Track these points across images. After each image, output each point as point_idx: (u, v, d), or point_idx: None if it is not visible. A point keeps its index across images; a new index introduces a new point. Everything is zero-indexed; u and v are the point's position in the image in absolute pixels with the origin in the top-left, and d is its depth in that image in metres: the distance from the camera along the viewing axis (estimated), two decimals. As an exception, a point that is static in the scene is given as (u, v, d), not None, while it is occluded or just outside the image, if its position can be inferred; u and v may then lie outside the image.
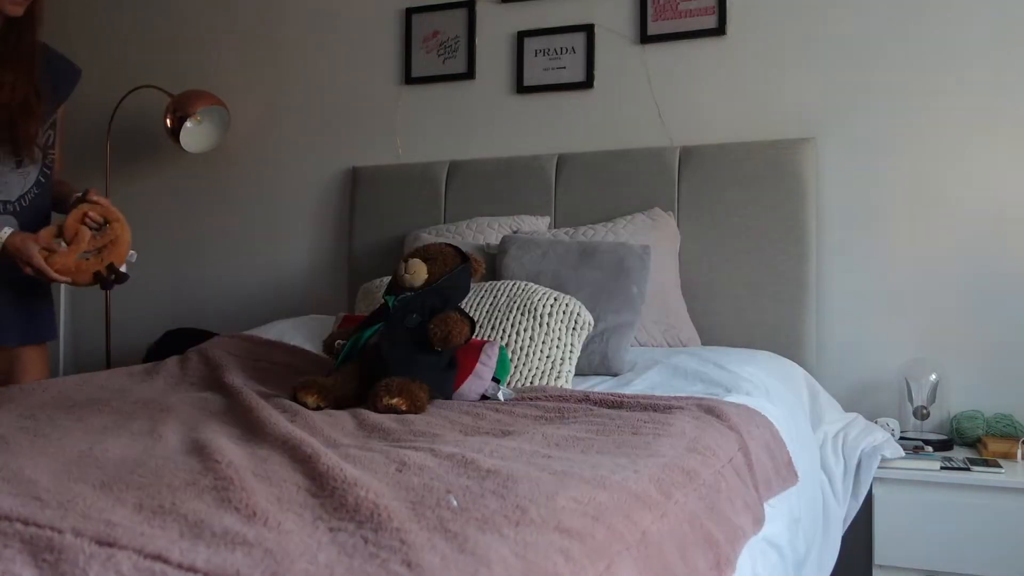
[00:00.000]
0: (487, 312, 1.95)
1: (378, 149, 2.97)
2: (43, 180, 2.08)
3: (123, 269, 1.92)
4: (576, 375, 1.97)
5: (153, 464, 1.09)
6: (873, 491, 2.04)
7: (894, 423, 2.21)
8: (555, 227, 2.58)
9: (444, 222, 2.73)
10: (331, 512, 0.92)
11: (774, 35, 2.52)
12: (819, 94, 2.47)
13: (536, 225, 2.53)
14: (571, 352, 1.89)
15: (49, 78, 2.03)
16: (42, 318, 2.14)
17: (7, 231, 1.82)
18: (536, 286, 1.99)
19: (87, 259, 1.86)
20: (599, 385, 1.89)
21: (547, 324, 1.89)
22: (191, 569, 0.75)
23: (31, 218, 2.06)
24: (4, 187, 1.99)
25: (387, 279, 2.23)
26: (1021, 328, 2.27)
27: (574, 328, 1.90)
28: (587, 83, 2.70)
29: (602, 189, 2.57)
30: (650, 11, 2.63)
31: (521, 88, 2.78)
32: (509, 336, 1.89)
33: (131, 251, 1.94)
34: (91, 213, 1.90)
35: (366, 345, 1.69)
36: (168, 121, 2.92)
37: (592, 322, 1.94)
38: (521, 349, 1.87)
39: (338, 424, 1.42)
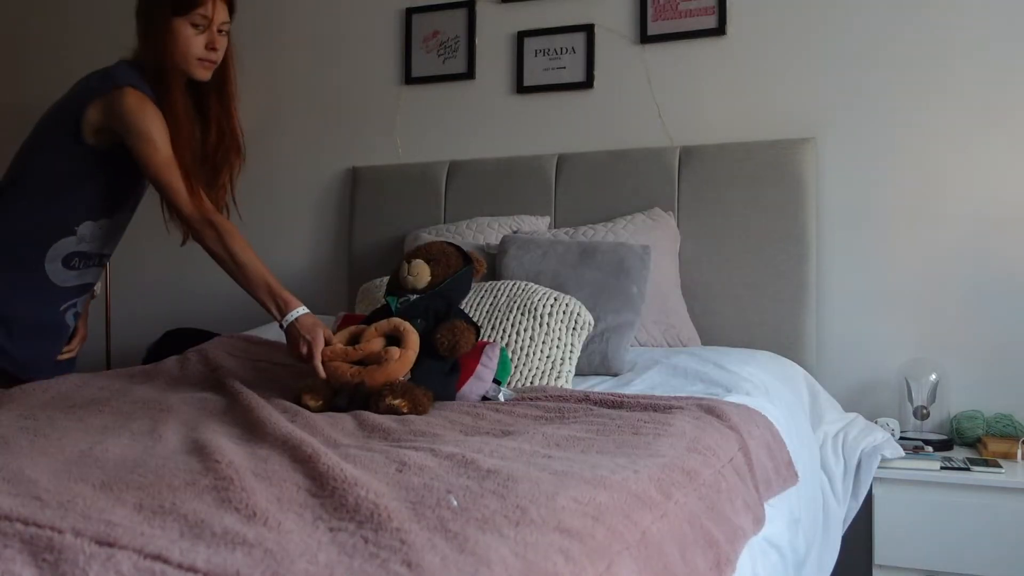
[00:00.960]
0: (487, 312, 1.95)
1: (378, 149, 2.97)
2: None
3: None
4: (576, 375, 1.97)
5: (153, 464, 1.09)
6: (873, 491, 2.03)
7: (894, 423, 2.21)
8: (555, 227, 2.57)
9: (444, 222, 2.73)
10: (331, 512, 0.92)
11: (774, 35, 2.52)
12: (819, 94, 2.47)
13: (536, 225, 2.53)
14: (571, 352, 1.89)
15: None
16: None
17: (302, 310, 1.71)
18: (536, 286, 1.99)
19: (351, 366, 1.60)
20: (599, 385, 1.89)
21: (547, 324, 1.89)
22: (191, 569, 0.75)
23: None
24: (109, 243, 2.04)
25: (387, 279, 2.22)
26: (1021, 328, 2.27)
27: (574, 328, 1.90)
28: (587, 83, 2.70)
29: (602, 189, 2.57)
30: (650, 11, 2.63)
31: (521, 88, 2.78)
32: (509, 336, 1.89)
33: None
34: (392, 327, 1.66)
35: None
36: (168, 121, 2.91)
37: (592, 322, 1.94)
38: (521, 349, 1.87)
39: (338, 424, 1.42)
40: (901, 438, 2.18)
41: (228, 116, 1.99)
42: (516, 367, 1.85)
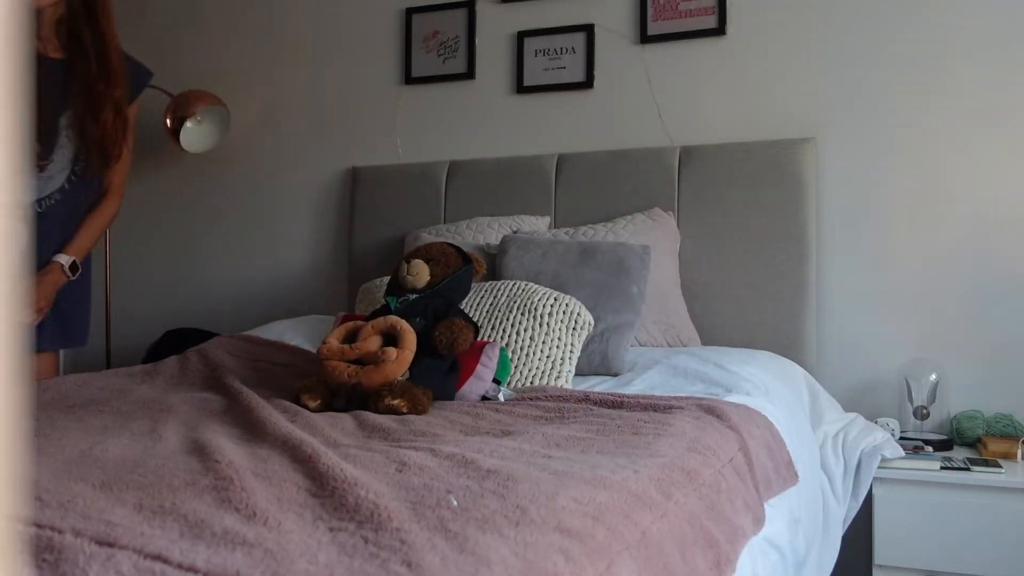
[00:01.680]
0: (487, 312, 1.95)
1: (378, 149, 2.97)
2: (67, 187, 2.00)
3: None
4: (576, 375, 1.97)
5: (153, 464, 1.09)
6: (873, 491, 2.03)
7: (894, 423, 2.21)
8: (555, 227, 2.57)
9: (444, 222, 2.73)
10: (331, 512, 0.92)
11: (774, 35, 2.52)
12: (819, 94, 2.47)
13: (536, 225, 2.53)
14: (571, 352, 1.89)
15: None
16: (71, 324, 2.11)
17: None
18: (536, 286, 1.99)
19: (349, 366, 1.59)
20: (599, 385, 1.89)
21: (547, 324, 1.89)
22: (191, 569, 0.75)
23: (49, 227, 1.97)
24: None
25: (387, 279, 2.23)
26: (1021, 328, 2.27)
27: (574, 328, 1.90)
28: (587, 83, 2.70)
29: (602, 189, 2.57)
30: (650, 11, 2.63)
31: (521, 88, 2.78)
32: (509, 336, 1.89)
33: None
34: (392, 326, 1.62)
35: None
36: (168, 121, 2.91)
37: (592, 322, 1.94)
38: (521, 349, 1.87)
39: (338, 424, 1.42)
40: (901, 438, 2.18)
41: (103, 45, 1.90)
42: (516, 367, 1.85)
